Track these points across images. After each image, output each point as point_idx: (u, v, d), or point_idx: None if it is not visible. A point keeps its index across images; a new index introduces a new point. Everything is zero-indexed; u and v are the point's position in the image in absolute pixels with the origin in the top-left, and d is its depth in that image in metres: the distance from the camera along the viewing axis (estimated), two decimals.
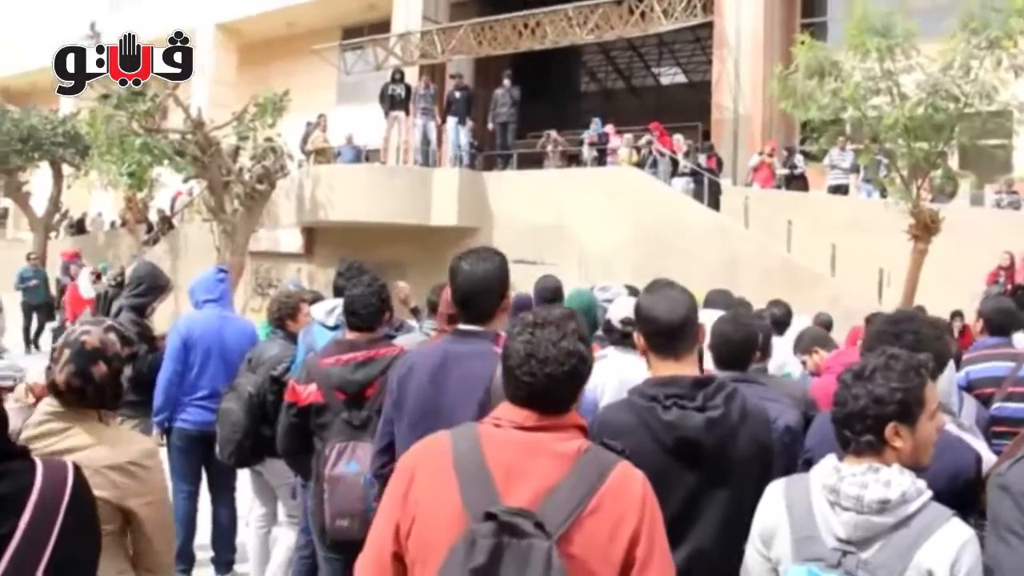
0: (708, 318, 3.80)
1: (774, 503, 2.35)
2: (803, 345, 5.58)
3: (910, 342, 2.82)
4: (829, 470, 2.26)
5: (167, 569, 2.70)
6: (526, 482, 1.96)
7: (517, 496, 1.94)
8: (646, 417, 2.57)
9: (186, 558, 5.79)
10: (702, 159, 17.01)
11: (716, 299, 5.43)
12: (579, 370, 2.08)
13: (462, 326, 3.12)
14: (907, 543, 2.12)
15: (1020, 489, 2.39)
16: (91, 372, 2.63)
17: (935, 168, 11.14)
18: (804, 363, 5.57)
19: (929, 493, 2.18)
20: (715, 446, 2.54)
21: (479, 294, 3.07)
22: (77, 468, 2.15)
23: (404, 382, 3.11)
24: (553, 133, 19.53)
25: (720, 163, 17.35)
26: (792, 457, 3.09)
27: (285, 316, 5.58)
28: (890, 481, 2.16)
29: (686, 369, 2.67)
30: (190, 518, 5.86)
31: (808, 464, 2.69)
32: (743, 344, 3.53)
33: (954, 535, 2.13)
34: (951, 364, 3.19)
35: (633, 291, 5.09)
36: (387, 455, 3.21)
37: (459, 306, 3.13)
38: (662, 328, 2.69)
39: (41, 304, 18.28)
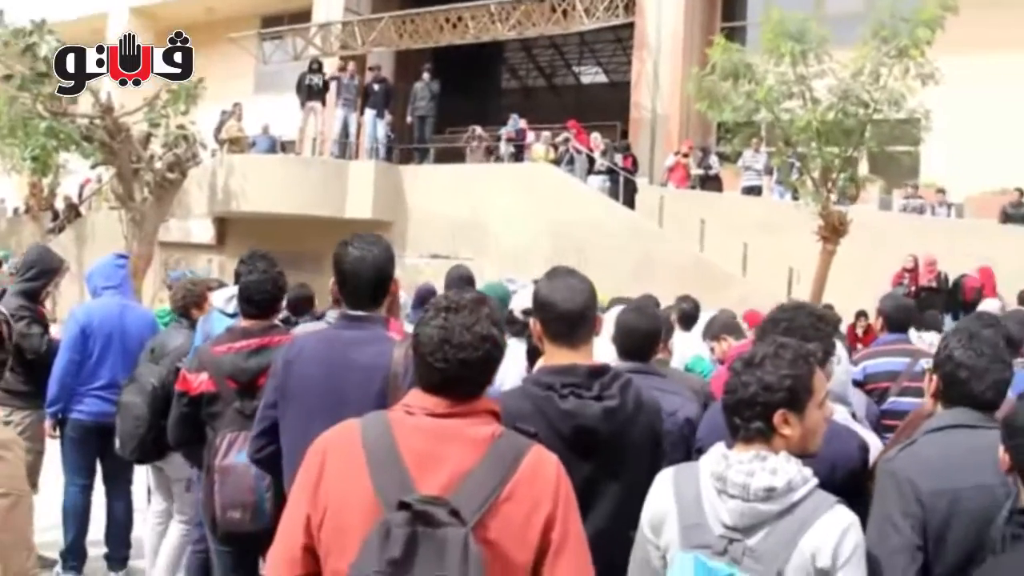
0: (612, 314, 3.78)
1: (663, 491, 2.35)
2: (712, 331, 5.61)
3: (795, 331, 2.85)
4: (717, 458, 2.26)
5: None
6: (440, 469, 1.93)
7: (431, 483, 1.91)
8: (543, 405, 2.54)
9: (78, 554, 5.60)
10: (618, 158, 17.13)
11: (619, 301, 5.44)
12: (493, 355, 2.06)
13: (350, 311, 3.05)
14: (792, 530, 2.13)
15: (906, 475, 2.44)
16: None
17: (844, 172, 11.36)
18: (712, 349, 5.59)
19: (815, 481, 2.20)
20: (611, 435, 2.53)
21: (368, 279, 3.02)
22: None
23: (291, 367, 3.02)
24: (478, 129, 19.48)
25: (636, 163, 17.51)
26: (690, 448, 3.10)
27: (190, 304, 5.42)
28: (776, 469, 2.17)
29: (582, 358, 2.64)
30: (83, 513, 5.64)
31: (700, 454, 2.69)
32: (647, 334, 3.51)
33: (837, 521, 2.15)
34: (844, 356, 3.23)
35: None
36: (264, 439, 3.13)
37: (346, 292, 3.07)
38: (560, 315, 2.65)
39: None
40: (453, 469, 1.93)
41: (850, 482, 2.65)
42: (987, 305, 9.21)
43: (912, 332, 5.92)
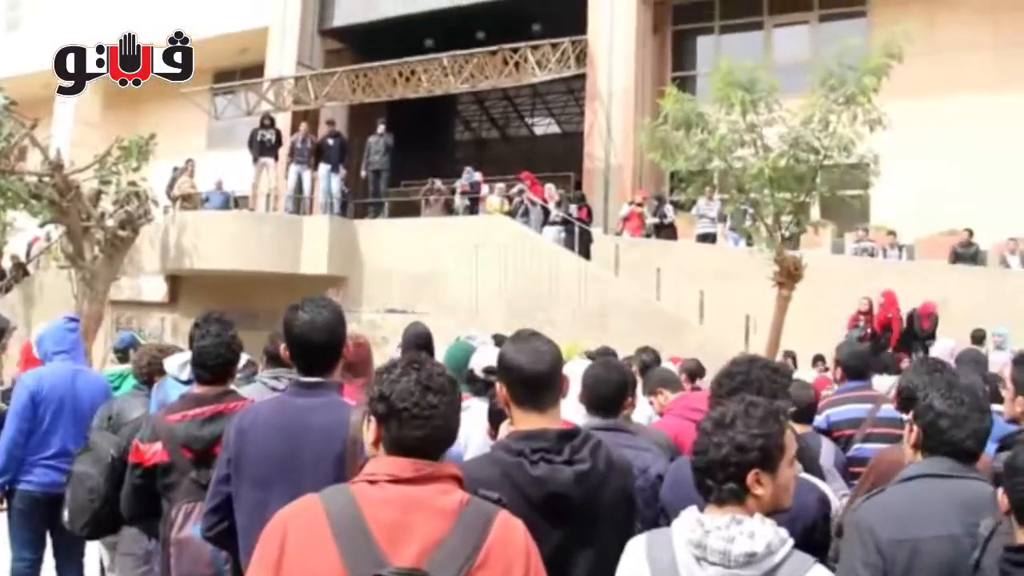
0: (576, 369, 3.74)
1: (636, 560, 2.29)
2: (649, 386, 5.58)
3: (751, 385, 2.85)
4: (692, 524, 2.21)
5: None
6: (410, 541, 1.90)
7: (403, 556, 1.88)
8: (512, 472, 2.49)
9: None
10: (573, 209, 17.21)
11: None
12: (459, 405, 2.11)
13: (303, 378, 3.00)
14: None
15: (867, 524, 2.43)
16: None
17: (797, 216, 11.49)
18: (651, 403, 5.57)
19: (791, 541, 2.17)
20: (584, 499, 2.49)
21: (321, 345, 2.98)
22: None
23: (244, 438, 2.94)
24: (437, 182, 19.52)
25: (591, 213, 17.59)
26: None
27: (155, 371, 5.23)
28: (754, 532, 2.14)
29: (549, 422, 2.59)
30: None
31: (665, 515, 2.64)
32: (617, 386, 3.49)
33: None
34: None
35: (499, 340, 5.00)
36: (216, 515, 3.02)
37: (297, 357, 3.02)
38: (526, 379, 2.60)
39: None
40: (424, 539, 1.90)
41: (811, 535, 2.64)
42: (940, 345, 9.32)
43: (875, 377, 5.96)
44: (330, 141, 18.47)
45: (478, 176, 19.19)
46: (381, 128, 18.80)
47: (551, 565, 2.39)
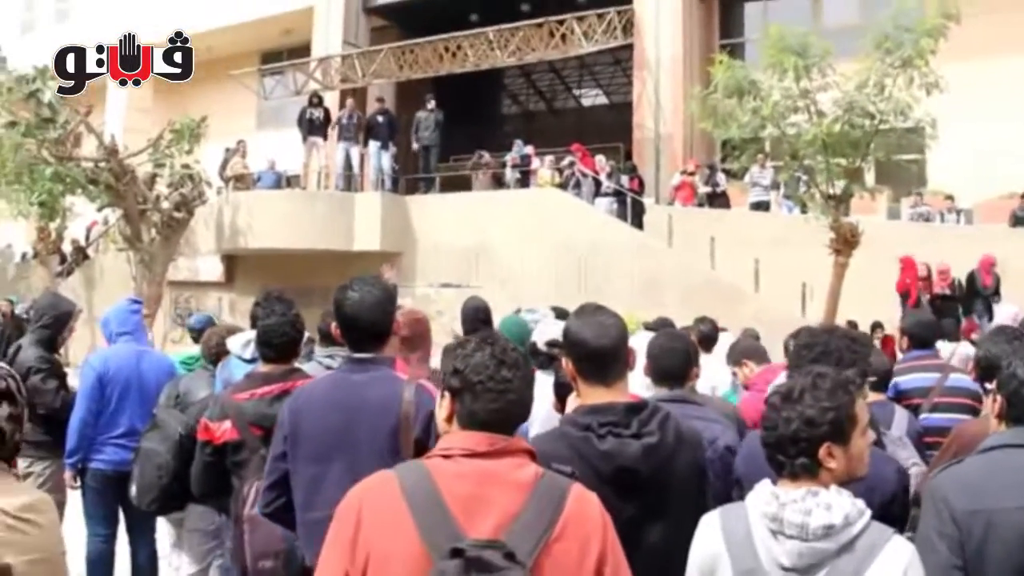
0: (639, 341, 3.72)
1: (711, 534, 2.27)
2: (734, 356, 5.54)
3: (830, 356, 2.82)
4: (767, 497, 2.19)
5: None
6: (487, 514, 1.90)
7: (480, 529, 1.87)
8: (580, 446, 2.49)
9: None
10: (624, 180, 17.11)
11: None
12: (532, 379, 2.11)
13: (355, 355, 3.03)
14: (852, 567, 2.08)
15: (941, 494, 2.39)
16: None
17: (852, 182, 11.33)
18: (735, 374, 5.53)
19: (868, 513, 2.15)
20: (653, 473, 2.48)
21: (371, 323, 3.01)
22: None
23: (300, 415, 3.00)
24: (485, 154, 19.48)
25: (642, 183, 17.47)
26: (734, 477, 3.03)
27: (223, 352, 5.28)
28: (831, 504, 2.12)
29: (617, 395, 2.58)
30: (106, 563, 5.55)
31: (739, 486, 2.63)
32: (684, 356, 3.44)
33: (898, 554, 2.11)
34: None
35: (561, 313, 5.00)
36: (275, 491, 3.09)
37: (349, 336, 3.06)
38: (591, 353, 2.60)
39: None
40: (500, 513, 1.90)
41: (888, 507, 2.62)
42: (1004, 311, 9.15)
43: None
44: (379, 118, 18.46)
45: (529, 149, 19.09)
46: (431, 104, 18.75)
47: (624, 538, 2.38)
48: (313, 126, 18.51)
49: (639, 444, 2.47)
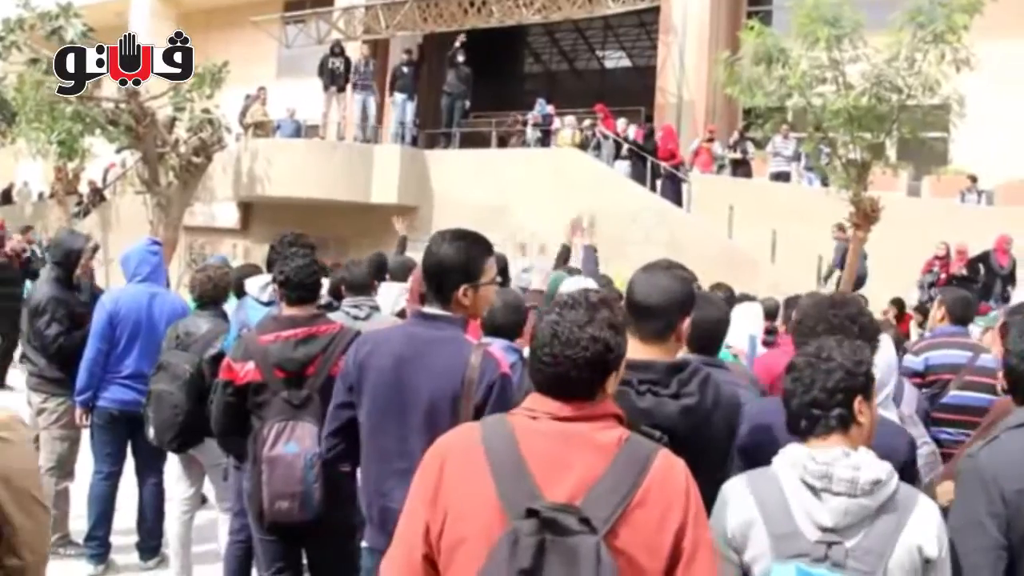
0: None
1: (742, 501, 2.25)
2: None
3: (838, 329, 2.79)
4: (803, 457, 2.19)
5: (34, 565, 2.19)
6: (567, 476, 1.87)
7: (558, 491, 1.85)
8: (618, 401, 2.47)
9: (101, 542, 5.57)
10: (631, 131, 17.03)
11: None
12: (603, 358, 1.97)
13: (427, 309, 2.99)
14: (891, 524, 2.11)
15: (991, 473, 2.37)
16: None
17: (877, 157, 11.22)
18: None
19: (896, 473, 2.19)
20: (688, 433, 2.46)
21: (447, 273, 2.94)
22: None
23: (364, 365, 2.97)
24: (520, 116, 19.35)
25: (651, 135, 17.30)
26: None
27: (221, 294, 5.38)
28: (865, 464, 2.14)
29: (656, 355, 2.57)
30: (105, 500, 5.59)
31: (743, 453, 2.62)
32: (720, 324, 3.35)
33: (930, 510, 2.17)
34: (889, 351, 3.18)
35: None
36: (336, 438, 3.10)
37: (428, 286, 3.00)
38: (633, 306, 2.61)
39: None
40: (581, 476, 1.87)
41: (900, 477, 2.61)
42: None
43: None
44: (404, 69, 18.34)
45: (550, 108, 18.96)
46: (460, 58, 18.52)
47: None
48: (334, 75, 18.42)
49: (677, 404, 2.47)
